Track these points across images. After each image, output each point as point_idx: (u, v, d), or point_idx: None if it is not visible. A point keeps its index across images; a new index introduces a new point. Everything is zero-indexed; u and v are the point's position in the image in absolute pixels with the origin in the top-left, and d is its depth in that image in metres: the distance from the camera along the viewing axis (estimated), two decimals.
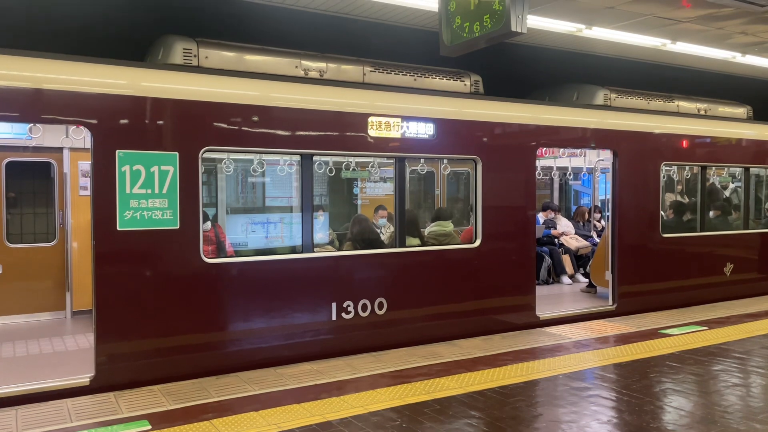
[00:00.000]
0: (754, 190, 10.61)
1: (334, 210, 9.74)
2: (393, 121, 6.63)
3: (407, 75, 7.16)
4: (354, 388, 5.29)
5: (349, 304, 6.42)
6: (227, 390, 5.25)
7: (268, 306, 6.05)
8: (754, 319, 8.08)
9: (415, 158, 7.00)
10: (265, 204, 9.19)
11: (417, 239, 7.30)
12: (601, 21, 7.37)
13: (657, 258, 8.89)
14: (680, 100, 9.60)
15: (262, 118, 5.99)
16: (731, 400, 4.96)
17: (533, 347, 6.63)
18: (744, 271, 9.89)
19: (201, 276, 5.74)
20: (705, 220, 9.72)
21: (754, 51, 8.98)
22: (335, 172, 7.48)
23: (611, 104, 8.81)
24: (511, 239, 7.51)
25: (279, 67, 6.46)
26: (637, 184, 8.61)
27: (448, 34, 4.94)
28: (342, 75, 6.79)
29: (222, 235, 7.46)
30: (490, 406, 4.86)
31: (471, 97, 7.42)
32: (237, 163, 7.35)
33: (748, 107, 10.53)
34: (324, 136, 6.32)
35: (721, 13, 7.07)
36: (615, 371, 5.75)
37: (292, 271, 6.21)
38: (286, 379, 5.54)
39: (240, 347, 5.94)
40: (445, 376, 5.61)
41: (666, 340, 6.91)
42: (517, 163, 7.53)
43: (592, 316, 8.25)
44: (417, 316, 6.86)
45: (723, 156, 9.70)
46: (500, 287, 7.45)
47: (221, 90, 5.86)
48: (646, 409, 4.79)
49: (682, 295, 9.08)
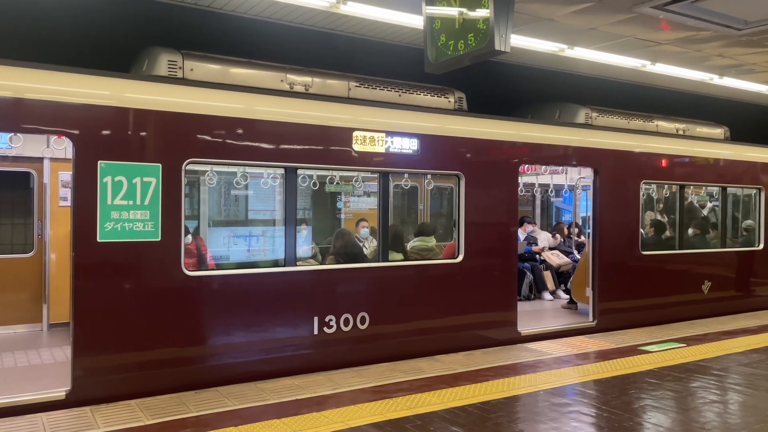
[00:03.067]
0: (731, 209, 10.80)
1: (317, 224, 9.73)
2: (377, 136, 6.67)
3: (392, 91, 7.21)
4: (335, 403, 5.26)
5: (331, 319, 6.40)
6: (206, 405, 5.19)
7: (249, 320, 6.00)
8: (731, 336, 8.19)
9: (399, 173, 7.03)
10: (247, 217, 9.15)
11: (400, 254, 7.31)
12: (583, 41, 7.51)
13: (637, 275, 8.99)
14: (659, 120, 9.78)
15: (246, 131, 5.98)
16: (709, 417, 5.01)
17: (515, 363, 6.65)
18: (721, 289, 10.04)
19: (182, 289, 5.69)
20: (683, 238, 9.87)
21: (731, 73, 9.20)
22: (319, 185, 7.48)
23: (592, 123, 8.94)
24: (493, 255, 7.55)
25: (264, 81, 6.47)
26: (617, 202, 8.73)
27: (432, 51, 5.00)
28: (327, 89, 6.82)
29: (203, 248, 7.41)
30: (472, 422, 4.85)
31: (455, 113, 7.50)
32: (220, 175, 7.33)
33: (725, 128, 10.75)
34: (308, 150, 6.33)
35: (699, 36, 7.24)
36: (595, 387, 5.78)
37: (275, 284, 6.17)
38: (266, 394, 5.49)
39: (220, 361, 5.88)
40: (427, 391, 5.59)
41: (645, 357, 6.97)
42: (500, 180, 7.59)
43: (573, 332, 8.30)
44: (399, 331, 6.85)
45: (701, 175, 9.87)
46: (482, 303, 7.47)
47: (206, 102, 5.86)
48: (626, 425, 4.82)
49: (660, 312, 9.18)
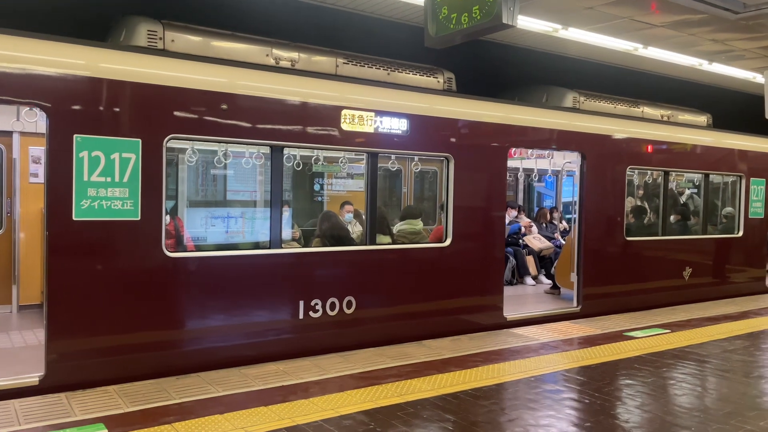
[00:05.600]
0: (712, 196, 10.85)
1: (299, 205, 9.50)
2: (366, 115, 6.46)
3: (380, 69, 7.00)
4: (323, 389, 5.10)
5: (317, 303, 6.22)
6: (189, 391, 4.98)
7: (232, 303, 5.79)
8: (714, 322, 8.24)
9: (388, 154, 6.84)
10: (229, 197, 8.87)
11: (387, 237, 7.14)
12: (578, 22, 7.37)
13: (621, 261, 8.98)
14: (645, 106, 9.73)
15: (231, 107, 5.72)
16: (701, 404, 4.98)
17: (502, 348, 6.56)
18: (701, 276, 10.11)
19: (162, 271, 5.45)
20: (666, 225, 9.89)
21: (720, 59, 9.17)
22: (302, 166, 7.25)
23: (580, 107, 8.85)
24: (481, 239, 7.44)
25: (249, 55, 6.21)
26: (603, 187, 8.67)
27: (433, 24, 4.79)
28: (314, 66, 6.58)
29: (182, 228, 7.14)
30: (465, 409, 4.74)
31: (444, 94, 7.31)
32: (201, 153, 7.03)
33: (708, 115, 10.78)
34: (296, 128, 6.10)
35: (694, 19, 7.15)
36: (585, 374, 5.72)
37: (260, 267, 5.96)
38: (251, 380, 5.30)
39: (202, 346, 5.67)
40: (416, 377, 5.47)
41: (631, 343, 6.95)
42: (489, 163, 7.46)
43: (558, 317, 8.26)
44: (386, 315, 6.70)
45: (685, 162, 9.88)
46: (469, 287, 7.36)
47: (188, 75, 5.57)
48: (620, 412, 4.76)
49: (643, 297, 9.20)
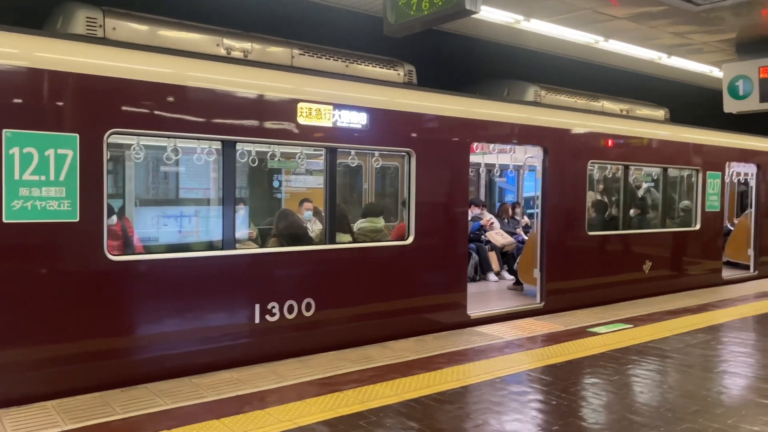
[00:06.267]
0: (669, 190, 10.94)
1: (256, 203, 9.14)
2: (324, 109, 6.17)
3: (338, 60, 6.73)
4: (280, 398, 4.82)
5: (274, 306, 5.92)
6: (135, 405, 4.64)
7: (182, 308, 5.45)
8: (674, 316, 8.26)
9: (348, 149, 6.57)
10: (180, 196, 8.46)
11: (348, 235, 6.88)
12: (540, 13, 7.24)
13: (583, 256, 8.94)
14: (604, 100, 9.72)
15: (178, 100, 5.37)
16: (668, 402, 4.88)
17: (467, 348, 6.39)
18: (660, 269, 10.17)
19: (105, 275, 5.07)
20: (626, 219, 9.91)
21: (679, 52, 9.19)
22: (258, 162, 6.93)
23: (541, 101, 8.76)
24: (444, 236, 7.25)
25: (198, 45, 5.87)
26: (566, 182, 8.60)
27: (393, 12, 4.55)
28: (268, 57, 6.27)
29: (130, 229, 6.73)
30: (429, 415, 4.53)
31: (405, 87, 7.09)
32: (149, 150, 6.63)
33: (666, 109, 10.86)
34: (249, 122, 5.78)
35: (655, 11, 7.10)
36: (551, 373, 5.59)
37: (212, 269, 5.62)
38: (203, 390, 4.98)
39: (150, 354, 5.31)
40: (378, 382, 5.24)
41: (595, 339, 6.87)
42: (452, 158, 7.27)
43: (521, 314, 8.16)
44: (347, 317, 6.45)
45: (644, 156, 9.91)
46: (433, 286, 7.17)
47: (132, 66, 5.19)
48: (588, 413, 4.63)
49: (605, 292, 9.19)
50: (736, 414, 4.57)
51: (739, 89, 8.31)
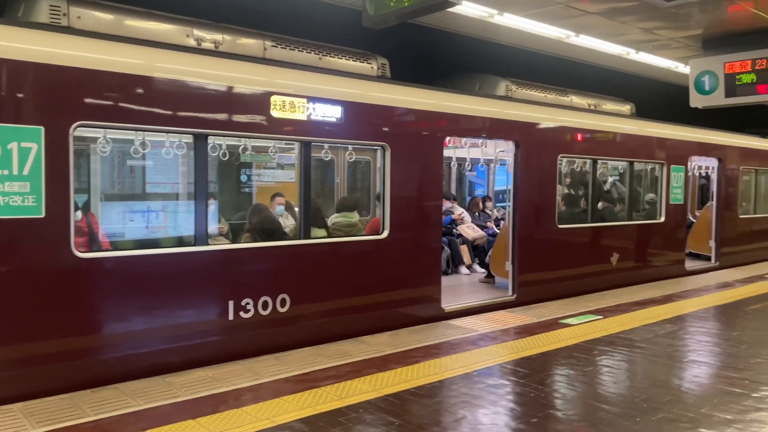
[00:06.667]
0: (635, 183, 11.15)
1: (226, 198, 8.97)
2: (298, 102, 6.08)
3: (311, 53, 6.64)
4: (256, 396, 4.74)
5: (248, 302, 5.82)
6: (106, 406, 4.50)
7: (154, 306, 5.31)
8: (642, 306, 8.42)
9: (322, 143, 6.49)
10: (148, 190, 8.24)
11: (322, 230, 6.81)
12: (514, 7, 7.26)
13: (553, 248, 9.04)
14: (573, 95, 9.84)
15: (148, 92, 5.21)
16: (642, 392, 4.96)
17: (442, 341, 6.40)
18: (628, 260, 10.38)
19: (72, 273, 4.90)
20: (594, 212, 10.06)
21: (647, 48, 9.34)
22: (229, 155, 6.79)
23: (512, 95, 8.81)
24: (419, 230, 7.24)
25: (167, 35, 5.70)
26: (537, 176, 8.68)
27: (372, 3, 4.48)
28: (240, 48, 6.14)
29: (95, 225, 6.53)
30: (409, 410, 4.51)
31: (379, 80, 7.03)
32: (115, 143, 6.44)
33: (631, 104, 11.05)
34: (221, 115, 5.65)
35: (626, 6, 7.19)
36: (526, 365, 5.63)
37: (184, 265, 5.50)
38: (177, 390, 4.86)
39: (120, 354, 5.16)
40: (356, 377, 5.20)
41: (568, 330, 6.96)
42: (426, 152, 7.26)
43: (494, 306, 8.22)
44: (323, 312, 6.39)
45: (612, 150, 10.08)
46: (408, 280, 7.16)
47: (98, 56, 5.01)
48: (565, 405, 4.68)
49: (575, 284, 9.32)
50: (708, 403, 4.68)
51: (705, 84, 8.51)
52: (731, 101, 8.38)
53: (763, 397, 4.79)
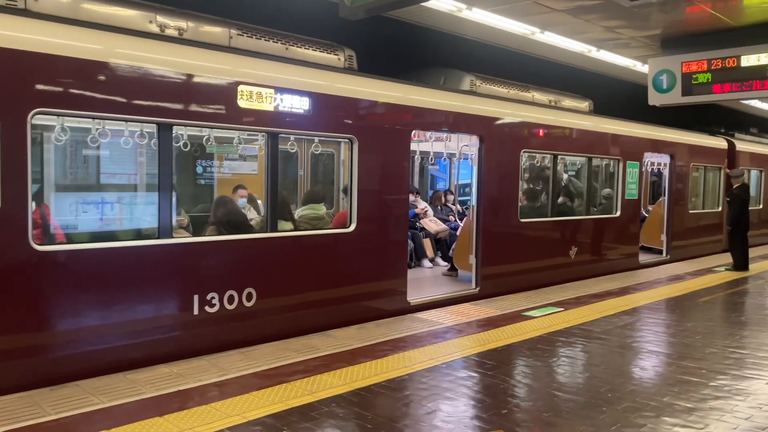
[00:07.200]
0: (592, 179, 11.42)
1: (186, 190, 8.75)
2: (266, 92, 5.97)
3: (278, 43, 6.52)
4: (225, 392, 4.66)
5: (213, 296, 5.70)
6: (67, 404, 4.34)
7: (116, 300, 5.15)
8: (600, 299, 8.65)
9: (290, 135, 6.39)
10: (109, 181, 7.96)
11: (289, 223, 6.72)
12: (482, 2, 7.30)
13: (516, 242, 9.18)
14: (535, 91, 9.98)
15: (110, 79, 5.02)
16: (606, 382, 5.09)
17: (409, 335, 6.43)
18: (586, 254, 10.63)
19: (29, 266, 4.70)
20: (555, 206, 10.26)
21: (608, 46, 9.55)
22: (190, 146, 6.62)
23: (476, 90, 8.87)
24: (386, 223, 7.24)
25: (129, 21, 5.50)
26: (500, 170, 8.79)
27: None
28: (205, 36, 5.98)
29: (49, 217, 6.27)
30: (381, 404, 4.51)
31: (347, 72, 6.97)
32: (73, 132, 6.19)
33: (590, 101, 11.29)
34: (186, 104, 5.50)
35: (590, 5, 7.32)
36: (494, 357, 5.71)
37: (147, 259, 5.34)
38: (141, 387, 4.73)
39: (81, 350, 4.99)
40: (325, 372, 5.17)
41: (530, 323, 7.09)
42: (394, 145, 7.25)
43: (458, 299, 8.30)
44: (290, 306, 6.32)
45: (572, 146, 10.28)
46: (375, 273, 7.15)
47: (57, 40, 4.80)
48: (534, 395, 4.76)
49: (536, 276, 9.50)
50: (669, 392, 4.84)
51: (663, 83, 8.75)
52: (687, 100, 8.66)
53: (720, 386, 4.98)
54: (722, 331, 6.88)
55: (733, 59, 8.22)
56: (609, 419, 4.27)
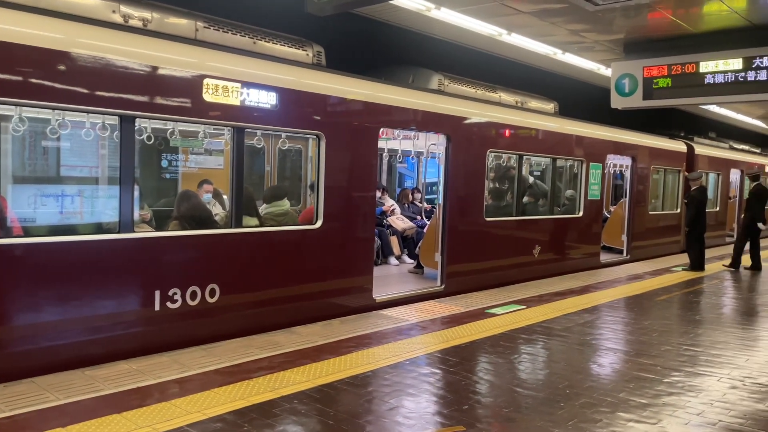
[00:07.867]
0: (556, 179, 11.62)
1: (150, 184, 8.61)
2: (232, 86, 5.91)
3: (245, 36, 6.46)
4: (185, 389, 4.61)
5: (175, 292, 5.63)
6: (22, 401, 4.24)
7: (75, 295, 5.04)
8: (562, 297, 8.82)
9: (257, 130, 6.34)
10: (67, 174, 7.77)
11: (255, 219, 6.67)
12: (451, 2, 7.35)
13: (481, 241, 9.29)
14: (501, 92, 10.11)
15: (71, 69, 4.91)
16: (571, 380, 5.20)
17: (374, 331, 6.45)
18: (549, 253, 10.82)
19: None
20: (519, 206, 10.41)
21: (573, 50, 9.72)
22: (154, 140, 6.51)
23: (444, 89, 8.94)
24: (352, 220, 7.25)
25: (91, 10, 5.38)
26: (467, 169, 8.87)
27: None
28: (170, 28, 5.89)
29: (6, 209, 6.09)
30: (344, 400, 4.53)
31: (315, 68, 6.95)
32: (32, 123, 6.03)
33: (555, 102, 11.48)
34: (150, 97, 5.41)
35: (556, 8, 7.44)
36: (457, 354, 5.78)
37: (108, 253, 5.24)
38: (99, 383, 4.65)
39: (37, 345, 4.87)
40: (289, 368, 5.15)
41: (494, 320, 7.19)
42: (361, 143, 7.25)
43: (423, 297, 8.36)
44: (254, 302, 6.28)
45: (538, 146, 10.44)
46: (341, 270, 7.15)
47: (15, 28, 4.67)
48: (495, 391, 4.83)
49: (500, 275, 9.63)
50: (625, 388, 4.97)
51: (625, 87, 8.96)
52: (648, 104, 8.88)
53: (673, 383, 5.14)
54: (678, 329, 7.09)
55: (692, 65, 8.46)
56: (567, 414, 4.37)
